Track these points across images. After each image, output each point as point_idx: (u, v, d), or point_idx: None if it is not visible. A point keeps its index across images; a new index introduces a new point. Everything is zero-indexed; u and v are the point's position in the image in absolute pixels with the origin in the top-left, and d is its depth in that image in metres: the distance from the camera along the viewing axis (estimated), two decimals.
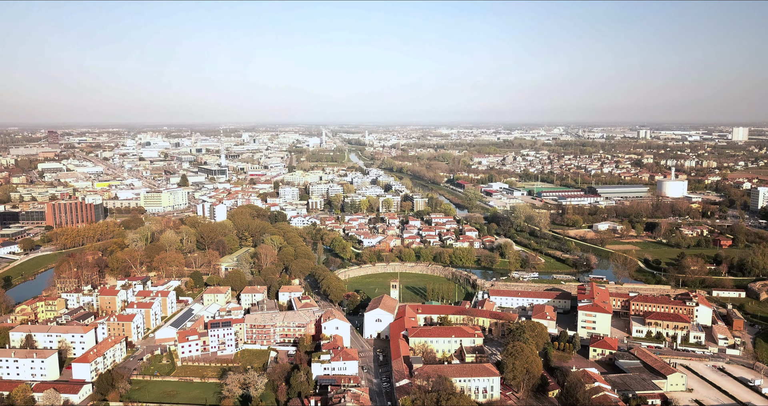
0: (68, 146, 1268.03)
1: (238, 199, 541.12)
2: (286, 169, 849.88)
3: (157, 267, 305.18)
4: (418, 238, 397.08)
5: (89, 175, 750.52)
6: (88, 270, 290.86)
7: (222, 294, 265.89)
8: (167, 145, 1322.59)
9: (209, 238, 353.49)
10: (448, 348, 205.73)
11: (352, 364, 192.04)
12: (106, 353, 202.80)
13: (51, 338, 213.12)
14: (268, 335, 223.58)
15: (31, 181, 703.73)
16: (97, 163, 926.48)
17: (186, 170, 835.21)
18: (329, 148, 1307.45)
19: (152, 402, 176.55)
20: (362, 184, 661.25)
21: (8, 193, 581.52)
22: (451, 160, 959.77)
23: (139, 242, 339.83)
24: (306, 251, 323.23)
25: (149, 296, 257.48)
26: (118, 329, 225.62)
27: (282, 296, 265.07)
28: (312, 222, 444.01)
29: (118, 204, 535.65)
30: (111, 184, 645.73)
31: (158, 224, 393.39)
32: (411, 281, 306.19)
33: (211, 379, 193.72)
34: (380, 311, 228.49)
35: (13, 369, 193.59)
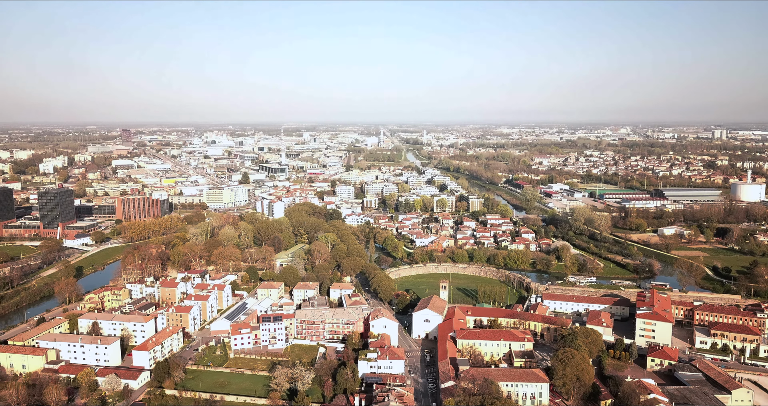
0: (140, 144, 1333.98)
1: (296, 197, 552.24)
2: (343, 168, 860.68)
3: (215, 261, 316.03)
4: (472, 239, 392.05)
5: (157, 171, 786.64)
6: (151, 262, 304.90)
7: (275, 289, 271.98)
8: (231, 143, 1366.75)
9: (266, 234, 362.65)
10: (497, 351, 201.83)
11: (399, 363, 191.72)
12: (164, 342, 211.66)
13: (115, 326, 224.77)
14: (318, 331, 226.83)
15: (105, 177, 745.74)
16: (165, 161, 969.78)
17: (248, 168, 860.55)
18: (387, 148, 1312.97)
19: (204, 391, 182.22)
20: (417, 183, 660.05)
21: (84, 188, 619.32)
22: (511, 160, 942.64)
23: (199, 236, 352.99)
24: (358, 249, 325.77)
25: (206, 288, 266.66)
26: (176, 320, 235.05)
27: (333, 293, 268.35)
28: (366, 220, 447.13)
29: (182, 200, 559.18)
30: (177, 181, 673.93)
31: (218, 220, 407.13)
32: (462, 283, 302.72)
33: (261, 371, 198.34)
34: (429, 311, 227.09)
35: (80, 354, 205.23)
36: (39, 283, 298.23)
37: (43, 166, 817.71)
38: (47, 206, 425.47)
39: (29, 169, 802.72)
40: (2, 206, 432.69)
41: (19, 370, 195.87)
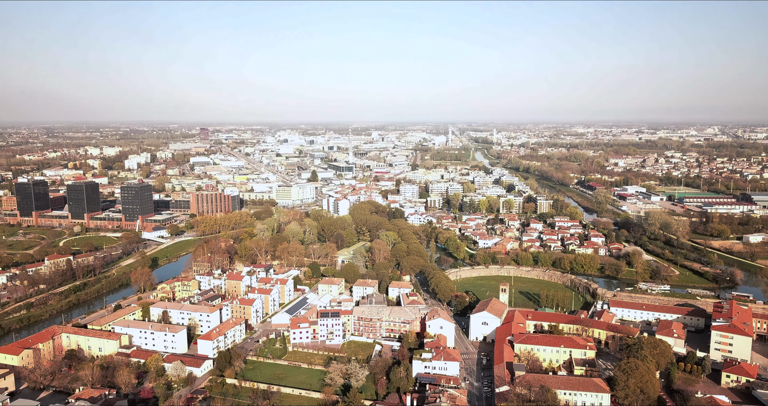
0: (217, 142, 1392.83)
1: (361, 195, 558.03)
2: (409, 167, 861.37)
3: (280, 256, 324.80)
4: (538, 241, 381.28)
5: (231, 169, 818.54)
6: (219, 256, 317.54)
7: (336, 285, 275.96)
8: (302, 142, 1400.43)
9: (329, 231, 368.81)
10: (556, 358, 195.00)
11: (454, 365, 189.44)
12: (228, 332, 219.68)
13: (183, 315, 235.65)
14: (375, 328, 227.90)
15: (183, 174, 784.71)
16: (239, 158, 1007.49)
17: (317, 166, 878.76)
18: (455, 147, 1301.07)
19: (262, 382, 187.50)
20: (484, 183, 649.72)
21: (163, 183, 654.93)
22: (584, 161, 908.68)
23: (266, 232, 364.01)
24: (418, 249, 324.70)
25: (270, 282, 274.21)
26: (240, 312, 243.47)
27: (391, 291, 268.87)
28: (428, 220, 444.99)
29: (253, 196, 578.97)
30: (249, 178, 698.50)
31: (285, 216, 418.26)
32: (525, 286, 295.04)
33: (317, 366, 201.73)
34: (487, 314, 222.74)
35: (150, 340, 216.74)
36: (118, 272, 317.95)
37: (128, 162, 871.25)
38: (129, 199, 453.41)
39: (116, 165, 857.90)
40: (90, 199, 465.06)
41: (96, 353, 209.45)
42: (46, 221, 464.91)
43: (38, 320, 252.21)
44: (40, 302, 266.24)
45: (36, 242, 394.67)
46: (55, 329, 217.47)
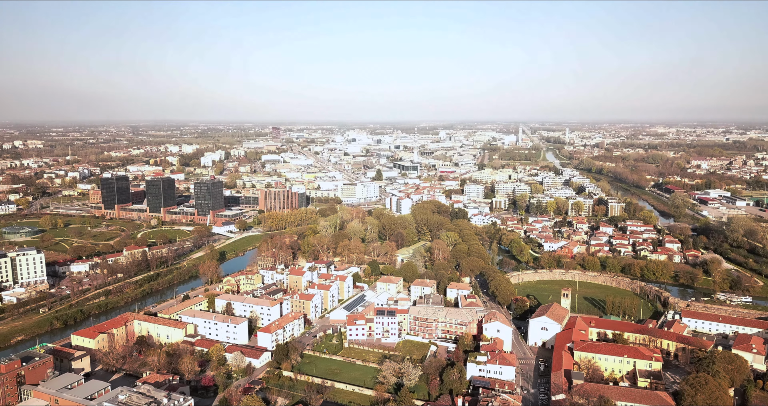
0: (288, 141, 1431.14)
1: (424, 195, 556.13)
2: (475, 166, 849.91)
3: (341, 253, 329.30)
4: (607, 246, 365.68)
5: (300, 167, 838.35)
6: (283, 251, 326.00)
7: (394, 284, 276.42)
8: (370, 141, 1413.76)
9: (390, 230, 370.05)
10: (619, 368, 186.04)
11: (509, 369, 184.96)
12: (286, 326, 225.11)
13: (245, 307, 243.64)
14: (430, 328, 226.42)
15: (254, 171, 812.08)
16: (308, 157, 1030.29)
17: (382, 166, 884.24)
18: (525, 146, 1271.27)
19: (317, 377, 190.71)
20: (553, 184, 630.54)
21: (235, 180, 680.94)
22: (662, 163, 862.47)
23: (328, 229, 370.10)
24: (479, 250, 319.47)
25: (330, 279, 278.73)
26: (299, 307, 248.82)
27: (450, 292, 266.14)
28: (492, 221, 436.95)
29: (319, 194, 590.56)
30: (316, 176, 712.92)
31: (348, 214, 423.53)
32: (590, 292, 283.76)
33: (371, 363, 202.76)
34: (546, 319, 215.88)
35: (214, 330, 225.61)
36: (188, 264, 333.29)
37: (204, 159, 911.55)
38: (201, 195, 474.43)
39: (193, 162, 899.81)
40: (166, 193, 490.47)
41: (163, 340, 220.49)
42: (126, 213, 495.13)
43: (115, 306, 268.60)
44: (117, 290, 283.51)
45: (117, 233, 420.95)
46: (128, 316, 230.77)
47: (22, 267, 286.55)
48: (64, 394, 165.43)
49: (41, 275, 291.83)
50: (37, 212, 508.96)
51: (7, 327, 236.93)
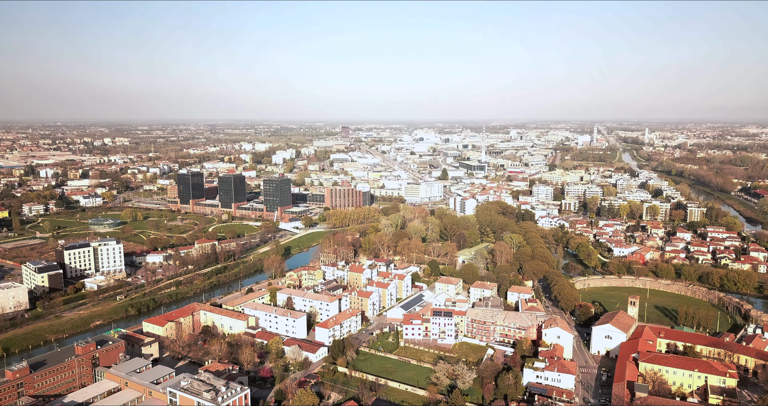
0: (356, 140, 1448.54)
1: (490, 195, 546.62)
2: (546, 167, 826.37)
3: (401, 252, 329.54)
4: (684, 253, 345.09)
5: (367, 166, 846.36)
6: (344, 248, 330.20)
7: (453, 285, 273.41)
8: (438, 140, 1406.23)
9: (452, 230, 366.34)
10: (688, 383, 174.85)
11: (568, 377, 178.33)
12: (344, 322, 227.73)
13: (305, 302, 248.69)
14: (488, 331, 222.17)
15: (322, 169, 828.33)
16: (375, 156, 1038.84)
17: (448, 165, 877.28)
18: (600, 147, 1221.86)
19: (371, 374, 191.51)
20: (627, 187, 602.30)
21: (303, 178, 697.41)
22: (752, 165, 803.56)
23: (390, 227, 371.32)
24: (544, 254, 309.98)
25: (388, 277, 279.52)
26: (358, 304, 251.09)
27: (510, 296, 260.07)
28: (560, 224, 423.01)
29: (383, 192, 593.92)
30: (382, 175, 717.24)
31: (411, 213, 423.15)
32: (662, 301, 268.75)
33: (426, 364, 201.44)
34: (610, 327, 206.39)
35: (274, 324, 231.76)
36: (255, 258, 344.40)
37: (276, 157, 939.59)
38: (270, 192, 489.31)
39: (265, 160, 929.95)
40: (237, 190, 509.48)
41: (227, 331, 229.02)
42: (200, 208, 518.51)
43: (184, 296, 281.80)
44: (187, 281, 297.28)
45: (190, 227, 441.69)
46: (195, 306, 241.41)
47: (103, 256, 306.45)
48: (132, 377, 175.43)
49: (120, 264, 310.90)
50: (120, 205, 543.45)
51: (87, 312, 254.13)
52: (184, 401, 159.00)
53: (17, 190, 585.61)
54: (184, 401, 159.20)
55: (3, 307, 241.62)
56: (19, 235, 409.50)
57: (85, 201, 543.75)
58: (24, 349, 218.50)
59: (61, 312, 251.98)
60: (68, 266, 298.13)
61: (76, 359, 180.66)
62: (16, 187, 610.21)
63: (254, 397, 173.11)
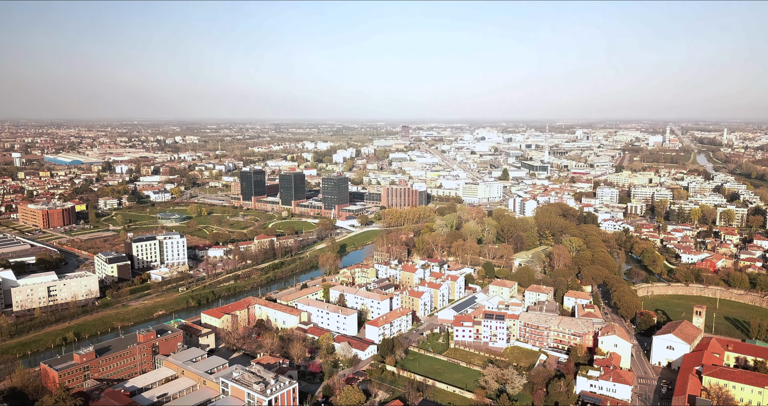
0: (416, 139, 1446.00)
1: (551, 197, 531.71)
2: (613, 168, 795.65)
3: (455, 253, 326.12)
4: (761, 261, 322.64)
5: (425, 165, 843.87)
6: (398, 247, 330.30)
7: (507, 288, 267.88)
8: (500, 140, 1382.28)
9: (509, 232, 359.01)
10: (757, 400, 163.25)
11: (624, 388, 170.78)
12: (394, 321, 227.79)
13: (357, 300, 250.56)
14: (541, 336, 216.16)
15: (380, 168, 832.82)
16: (435, 155, 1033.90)
17: (510, 165, 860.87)
18: (672, 148, 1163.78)
19: (419, 374, 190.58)
20: (700, 190, 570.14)
21: (361, 177, 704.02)
22: None
23: (444, 228, 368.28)
24: (605, 258, 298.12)
25: (441, 278, 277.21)
26: (409, 303, 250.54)
27: (567, 301, 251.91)
28: (624, 228, 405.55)
29: (440, 192, 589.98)
30: (440, 175, 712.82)
31: (467, 214, 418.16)
32: (734, 312, 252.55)
33: (475, 366, 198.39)
34: (673, 337, 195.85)
35: (326, 320, 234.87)
36: (311, 254, 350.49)
37: (336, 156, 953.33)
38: (328, 190, 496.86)
39: (325, 159, 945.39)
40: (297, 187, 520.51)
41: (280, 325, 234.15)
42: (261, 205, 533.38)
43: (242, 290, 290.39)
44: (245, 275, 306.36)
45: (251, 223, 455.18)
46: (250, 300, 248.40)
47: (168, 249, 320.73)
48: (188, 366, 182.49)
49: (183, 257, 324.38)
50: (186, 201, 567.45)
51: (151, 302, 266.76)
52: (235, 391, 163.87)
53: (95, 185, 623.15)
54: (235, 392, 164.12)
55: (75, 295, 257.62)
56: (94, 227, 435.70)
57: (154, 196, 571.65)
58: (93, 335, 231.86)
59: (128, 301, 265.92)
60: (136, 257, 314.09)
61: (137, 347, 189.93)
62: (94, 182, 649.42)
63: (303, 391, 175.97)
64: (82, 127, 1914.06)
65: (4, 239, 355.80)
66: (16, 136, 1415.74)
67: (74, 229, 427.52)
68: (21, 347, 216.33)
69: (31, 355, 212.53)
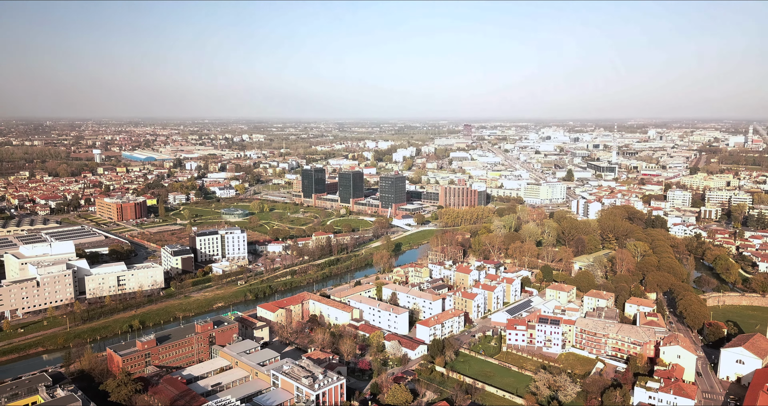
0: (479, 138, 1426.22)
1: (618, 199, 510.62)
2: (687, 170, 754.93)
3: (512, 255, 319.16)
4: None
5: (487, 164, 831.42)
6: (453, 247, 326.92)
7: (565, 292, 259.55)
8: (566, 139, 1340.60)
9: (570, 234, 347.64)
10: None
11: (686, 402, 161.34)
12: (446, 322, 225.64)
13: (409, 299, 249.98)
14: (599, 344, 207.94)
15: (440, 167, 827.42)
16: (497, 155, 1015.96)
17: (575, 165, 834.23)
18: (755, 149, 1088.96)
19: (469, 376, 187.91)
20: None
21: (420, 176, 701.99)
22: None
23: (502, 229, 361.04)
24: (671, 264, 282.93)
25: (496, 280, 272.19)
26: (461, 304, 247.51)
27: (628, 308, 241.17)
28: (696, 233, 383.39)
29: (501, 192, 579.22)
30: (501, 174, 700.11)
31: (527, 215, 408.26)
32: None
33: (527, 371, 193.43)
34: (743, 350, 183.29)
35: (377, 318, 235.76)
36: (366, 252, 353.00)
37: (396, 155, 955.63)
38: (385, 189, 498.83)
39: (386, 158, 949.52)
40: (355, 186, 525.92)
41: (332, 321, 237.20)
42: (321, 202, 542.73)
43: (298, 285, 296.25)
44: (301, 270, 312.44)
45: (310, 219, 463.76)
46: (304, 295, 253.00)
47: (229, 244, 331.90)
48: (242, 357, 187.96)
49: (243, 251, 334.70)
50: (249, 197, 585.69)
51: (211, 294, 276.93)
52: (285, 384, 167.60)
53: (165, 181, 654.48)
54: (285, 385, 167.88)
55: (142, 285, 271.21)
56: (163, 221, 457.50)
57: (220, 192, 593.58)
58: (157, 323, 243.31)
59: (190, 293, 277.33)
60: (199, 250, 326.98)
61: (195, 336, 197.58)
62: (165, 178, 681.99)
63: (351, 388, 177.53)
64: (157, 125, 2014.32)
65: (82, 231, 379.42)
66: (98, 133, 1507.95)
67: (145, 222, 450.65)
68: (92, 332, 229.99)
69: (100, 340, 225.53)
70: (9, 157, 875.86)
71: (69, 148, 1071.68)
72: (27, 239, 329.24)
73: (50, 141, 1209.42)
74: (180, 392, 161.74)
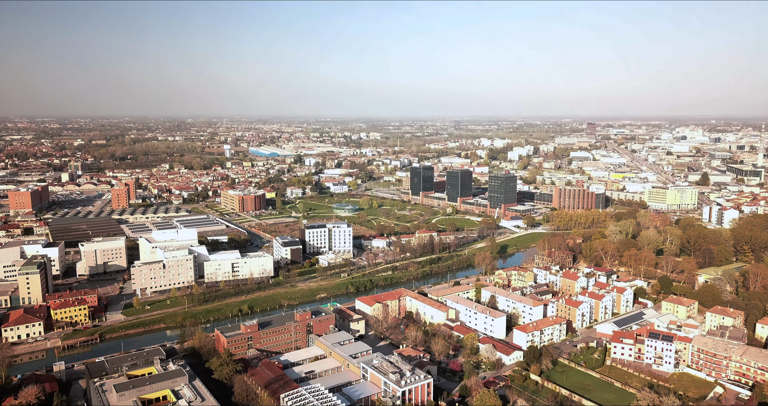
0: (604, 137, 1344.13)
1: (760, 207, 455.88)
2: None
3: (627, 263, 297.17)
4: None
5: (610, 165, 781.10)
6: (562, 252, 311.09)
7: (684, 307, 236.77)
8: (705, 140, 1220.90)
9: (696, 244, 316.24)
10: None
11: None
12: (545, 329, 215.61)
13: (508, 303, 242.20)
14: (719, 366, 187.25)
15: (558, 167, 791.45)
16: (623, 155, 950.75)
17: (713, 168, 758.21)
18: None
19: (565, 388, 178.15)
20: None
21: (535, 176, 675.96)
22: None
23: (618, 234, 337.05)
24: None
25: (606, 288, 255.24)
26: (564, 312, 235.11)
27: (760, 329, 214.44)
28: None
29: (622, 196, 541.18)
30: (625, 176, 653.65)
31: (649, 221, 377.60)
32: None
33: (631, 389, 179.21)
34: None
35: (473, 319, 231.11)
36: (469, 253, 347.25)
37: (512, 154, 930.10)
38: (494, 188, 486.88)
39: (500, 156, 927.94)
40: (464, 184, 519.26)
41: (427, 319, 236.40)
42: (428, 200, 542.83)
43: (398, 281, 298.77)
44: (402, 267, 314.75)
45: (416, 217, 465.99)
46: (402, 292, 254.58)
47: (335, 237, 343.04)
48: (336, 348, 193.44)
49: (348, 245, 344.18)
50: (360, 193, 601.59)
51: (315, 285, 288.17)
52: (374, 378, 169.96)
53: (285, 176, 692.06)
54: (373, 378, 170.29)
55: (253, 272, 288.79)
56: (279, 213, 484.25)
57: (334, 188, 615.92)
58: (263, 309, 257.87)
59: (296, 282, 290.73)
60: (308, 242, 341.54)
61: (294, 324, 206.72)
62: (285, 173, 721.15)
63: (440, 387, 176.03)
64: (282, 123, 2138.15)
65: (206, 220, 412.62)
66: (230, 130, 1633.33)
67: (263, 214, 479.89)
68: (206, 313, 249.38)
69: (213, 321, 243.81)
70: (153, 151, 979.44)
71: (204, 143, 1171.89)
72: (160, 225, 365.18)
73: (189, 137, 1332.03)
74: (275, 376, 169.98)
